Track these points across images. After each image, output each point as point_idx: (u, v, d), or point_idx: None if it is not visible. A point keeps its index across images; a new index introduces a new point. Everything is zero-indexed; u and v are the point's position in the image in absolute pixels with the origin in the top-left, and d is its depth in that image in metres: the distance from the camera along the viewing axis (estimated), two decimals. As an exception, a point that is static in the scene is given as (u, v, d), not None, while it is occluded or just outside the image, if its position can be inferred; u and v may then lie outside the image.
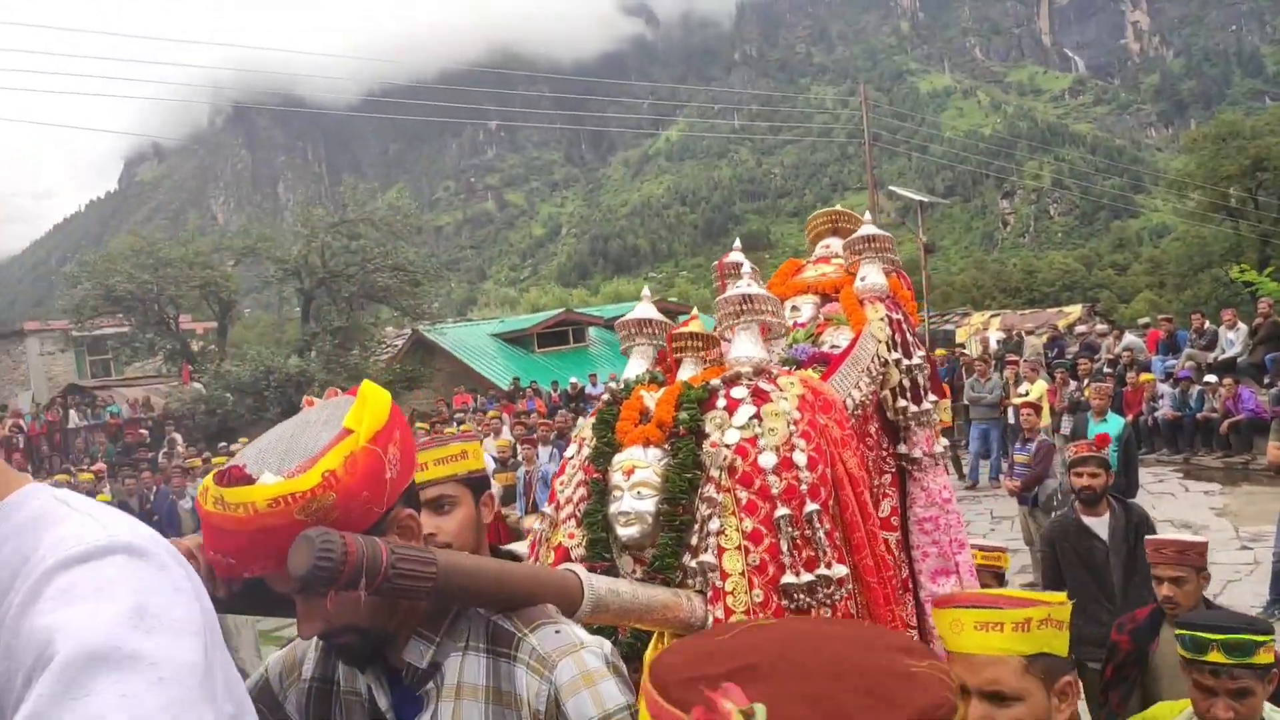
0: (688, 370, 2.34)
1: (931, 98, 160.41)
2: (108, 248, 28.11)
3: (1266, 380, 12.44)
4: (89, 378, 28.01)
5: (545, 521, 2.31)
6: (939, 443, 2.68)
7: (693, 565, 1.99)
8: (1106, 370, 13.58)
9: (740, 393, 2.12)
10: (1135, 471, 7.58)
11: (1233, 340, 13.55)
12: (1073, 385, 12.53)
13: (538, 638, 1.32)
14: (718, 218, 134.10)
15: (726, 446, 2.03)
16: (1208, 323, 14.34)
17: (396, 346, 27.21)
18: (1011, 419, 11.53)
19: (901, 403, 2.59)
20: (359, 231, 23.39)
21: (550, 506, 2.33)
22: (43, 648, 0.76)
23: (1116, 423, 8.17)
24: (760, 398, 2.10)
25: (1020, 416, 8.55)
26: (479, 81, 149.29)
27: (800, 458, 2.02)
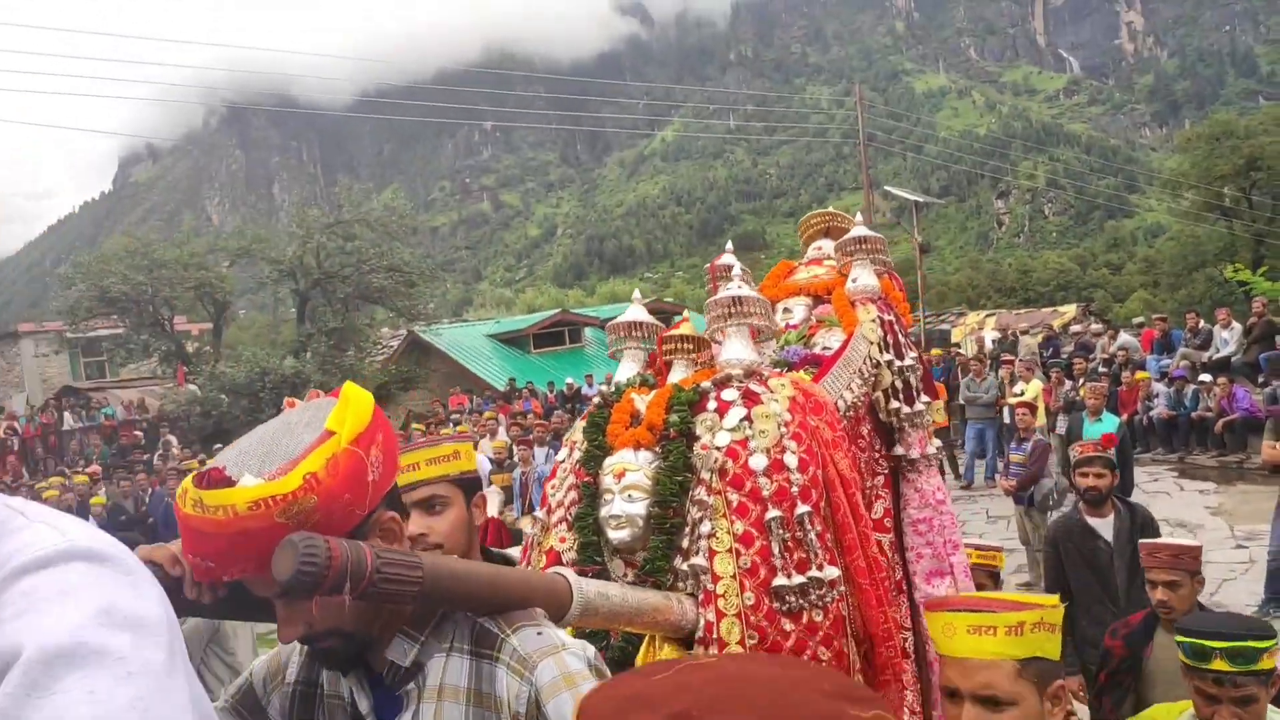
0: (679, 373, 2.33)
1: (926, 98, 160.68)
2: (102, 249, 27.94)
3: (1261, 379, 12.46)
4: (84, 379, 27.89)
5: (537, 525, 2.31)
6: (932, 444, 2.67)
7: (684, 568, 1.99)
8: (1101, 370, 13.59)
9: (731, 395, 2.11)
10: (1130, 471, 7.60)
11: (1227, 339, 13.58)
12: (1068, 385, 12.56)
13: (519, 639, 1.31)
14: (713, 218, 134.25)
15: (717, 449, 2.03)
16: (1202, 322, 14.36)
17: (392, 347, 27.14)
18: (1007, 419, 11.54)
19: (894, 404, 2.58)
20: (354, 232, 23.28)
21: (542, 510, 2.32)
22: (7, 651, 0.74)
23: (1111, 422, 8.19)
24: (751, 400, 2.10)
25: (1016, 416, 8.56)
26: (474, 82, 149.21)
27: (791, 460, 2.02)
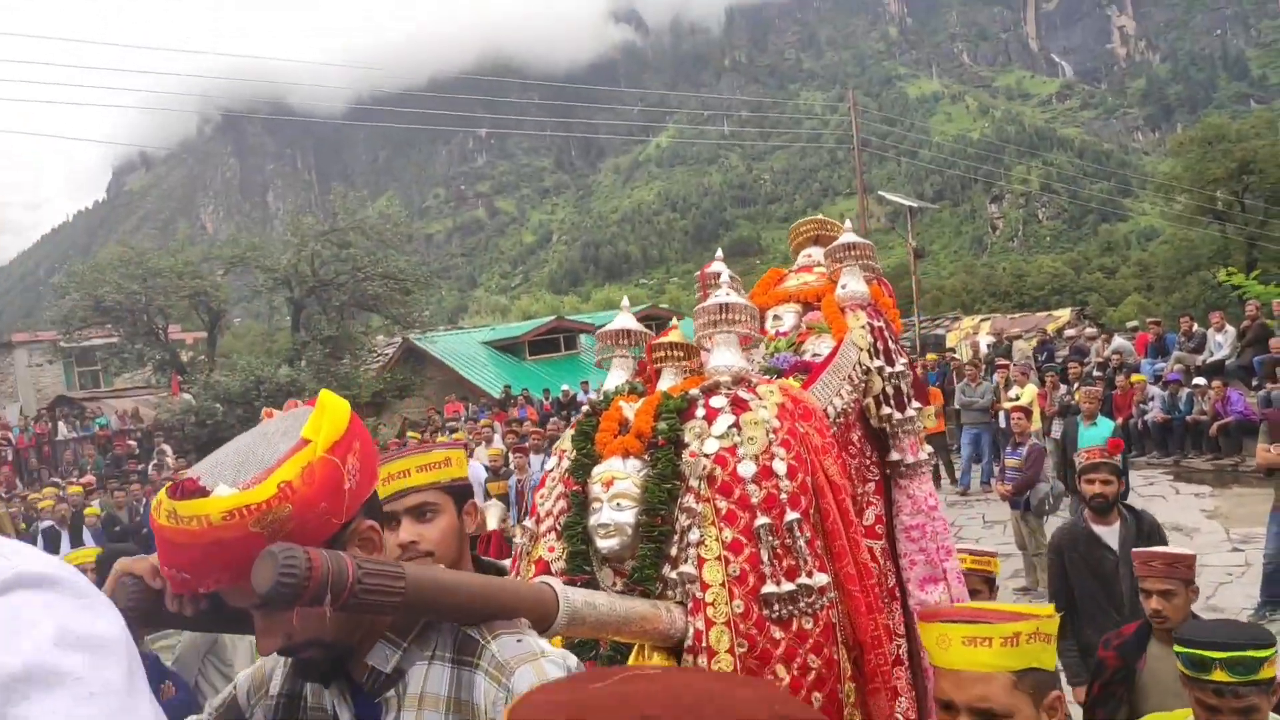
0: (668, 380, 2.33)
1: (920, 103, 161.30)
2: (96, 258, 27.88)
3: (1255, 382, 12.49)
4: (78, 389, 27.83)
5: (526, 535, 2.30)
6: (923, 449, 2.67)
7: (673, 576, 1.97)
8: (1096, 374, 13.60)
9: (719, 402, 2.10)
10: (1125, 475, 7.60)
11: (1221, 343, 13.61)
12: (1063, 389, 12.58)
13: (498, 645, 1.29)
14: (708, 223, 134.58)
15: (705, 456, 2.02)
16: (1196, 325, 14.37)
17: (387, 355, 27.10)
18: (1002, 423, 11.56)
19: (885, 410, 2.58)
20: (349, 240, 23.26)
21: (531, 520, 2.31)
22: None
23: (1106, 426, 8.21)
24: (739, 406, 2.09)
25: (1011, 421, 8.57)
26: (469, 89, 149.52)
27: (780, 466, 2.01)
